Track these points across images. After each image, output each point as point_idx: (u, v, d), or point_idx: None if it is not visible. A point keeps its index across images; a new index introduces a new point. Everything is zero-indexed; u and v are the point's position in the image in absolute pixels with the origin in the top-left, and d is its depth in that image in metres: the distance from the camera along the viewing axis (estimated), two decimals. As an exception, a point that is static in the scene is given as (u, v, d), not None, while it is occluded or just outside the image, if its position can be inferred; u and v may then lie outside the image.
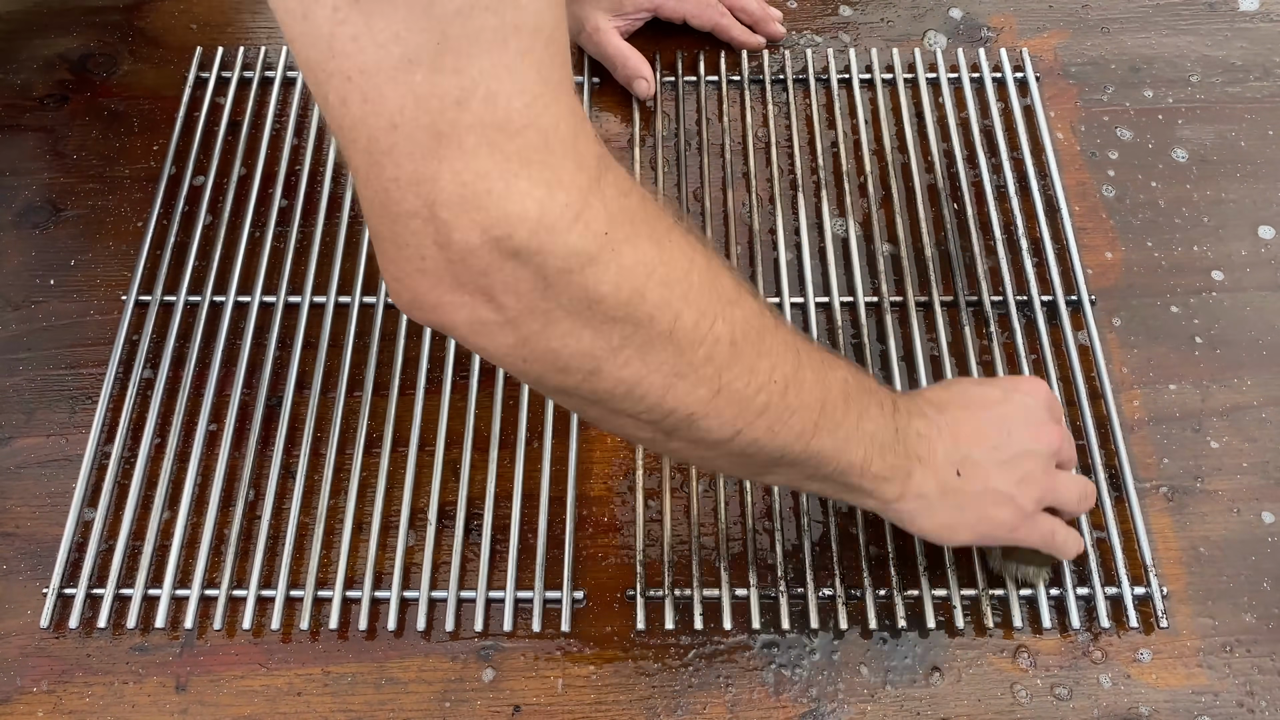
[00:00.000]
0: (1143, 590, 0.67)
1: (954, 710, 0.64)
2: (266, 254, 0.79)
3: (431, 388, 0.74)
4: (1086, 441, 0.72)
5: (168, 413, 0.73)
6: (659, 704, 0.65)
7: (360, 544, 0.69)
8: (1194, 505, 0.71)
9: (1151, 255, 0.81)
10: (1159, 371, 0.76)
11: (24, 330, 0.77)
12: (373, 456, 0.72)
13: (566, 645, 0.67)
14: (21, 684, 0.65)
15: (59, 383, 0.75)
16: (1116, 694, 0.65)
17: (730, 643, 0.67)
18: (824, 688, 0.65)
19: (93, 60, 0.90)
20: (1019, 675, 0.65)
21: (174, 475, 0.71)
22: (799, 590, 0.67)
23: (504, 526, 0.70)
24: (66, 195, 0.83)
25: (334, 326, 0.77)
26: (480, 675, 0.65)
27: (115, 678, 0.65)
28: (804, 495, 0.70)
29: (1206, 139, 0.86)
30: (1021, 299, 0.78)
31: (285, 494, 0.71)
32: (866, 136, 0.85)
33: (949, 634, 0.67)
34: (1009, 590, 0.67)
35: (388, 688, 0.65)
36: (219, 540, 0.69)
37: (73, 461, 0.72)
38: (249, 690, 0.65)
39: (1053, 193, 0.82)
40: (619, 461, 0.72)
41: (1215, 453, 0.73)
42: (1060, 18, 0.93)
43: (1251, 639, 0.67)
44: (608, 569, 0.69)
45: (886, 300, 0.78)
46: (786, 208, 0.82)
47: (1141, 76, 0.89)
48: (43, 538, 0.70)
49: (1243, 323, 0.78)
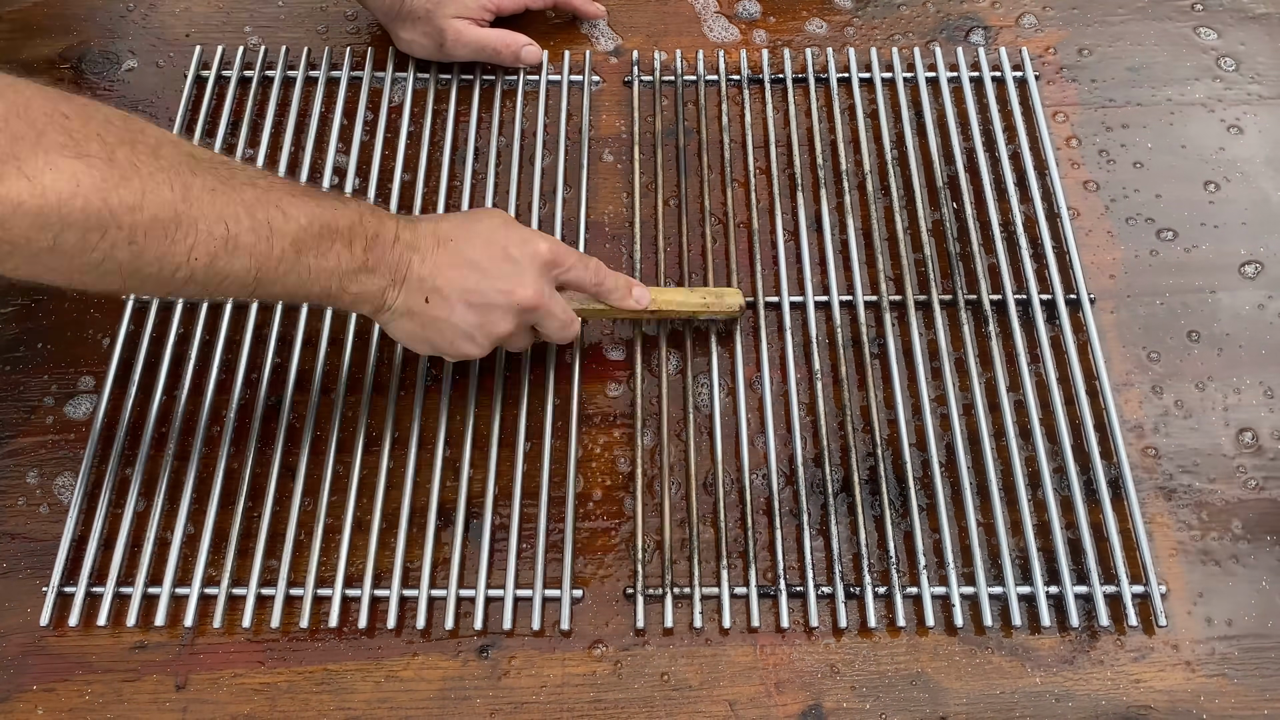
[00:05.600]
0: (1141, 589, 0.67)
1: (953, 709, 0.64)
2: (266, 253, 0.79)
3: (431, 387, 0.74)
4: (1085, 440, 0.72)
5: (167, 411, 0.73)
6: (658, 702, 0.65)
7: (360, 542, 0.69)
8: (1192, 504, 0.71)
9: (1150, 255, 0.81)
10: (1158, 370, 0.76)
11: (24, 328, 0.77)
12: (372, 455, 0.72)
13: (566, 643, 0.67)
14: (21, 682, 0.65)
15: (59, 381, 0.75)
16: (1115, 693, 0.65)
17: (729, 641, 0.67)
18: (823, 686, 0.65)
19: (93, 60, 0.90)
20: (1018, 674, 0.66)
21: (174, 473, 0.71)
22: (798, 589, 0.67)
23: (503, 525, 0.70)
24: (67, 194, 0.83)
25: (334, 326, 0.77)
26: (479, 673, 0.66)
27: (115, 676, 0.65)
28: (804, 496, 0.70)
29: (1206, 139, 0.86)
30: (1020, 298, 0.78)
31: (285, 492, 0.71)
32: (866, 136, 0.85)
33: (948, 633, 0.67)
34: (1008, 590, 0.67)
35: (387, 686, 0.65)
36: (219, 538, 0.69)
37: (73, 460, 0.72)
38: (248, 688, 0.65)
39: (1052, 192, 0.82)
40: (618, 460, 0.72)
41: (1214, 452, 0.73)
42: (1059, 17, 0.93)
43: (1250, 638, 0.67)
44: (607, 567, 0.69)
45: (886, 300, 0.78)
46: (786, 208, 0.82)
47: (1140, 76, 0.89)
48: (42, 536, 0.70)
49: (1242, 322, 0.78)
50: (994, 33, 0.92)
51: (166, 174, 0.55)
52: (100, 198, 0.52)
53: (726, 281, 0.78)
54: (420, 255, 0.66)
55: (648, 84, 0.89)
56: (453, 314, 0.66)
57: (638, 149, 0.85)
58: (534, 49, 0.89)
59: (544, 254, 0.68)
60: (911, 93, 0.88)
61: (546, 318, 0.69)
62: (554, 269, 0.69)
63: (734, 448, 0.72)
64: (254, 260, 0.59)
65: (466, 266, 0.66)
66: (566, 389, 0.74)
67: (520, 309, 0.68)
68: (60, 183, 0.51)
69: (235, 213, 0.58)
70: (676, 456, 0.72)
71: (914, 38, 0.91)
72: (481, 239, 0.68)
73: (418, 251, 0.66)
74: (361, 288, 0.64)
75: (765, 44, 0.91)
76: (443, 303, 0.66)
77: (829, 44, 0.91)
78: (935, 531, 0.69)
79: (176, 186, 0.55)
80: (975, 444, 0.72)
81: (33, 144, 0.50)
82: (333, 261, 0.62)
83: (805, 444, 0.72)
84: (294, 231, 0.60)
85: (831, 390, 0.75)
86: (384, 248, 0.64)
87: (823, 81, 0.89)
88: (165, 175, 0.55)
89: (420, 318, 0.66)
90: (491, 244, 0.68)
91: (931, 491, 0.70)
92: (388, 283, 0.65)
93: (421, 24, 0.85)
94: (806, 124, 0.87)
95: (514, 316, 0.68)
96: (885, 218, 0.82)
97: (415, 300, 0.66)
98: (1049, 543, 0.69)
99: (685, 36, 0.91)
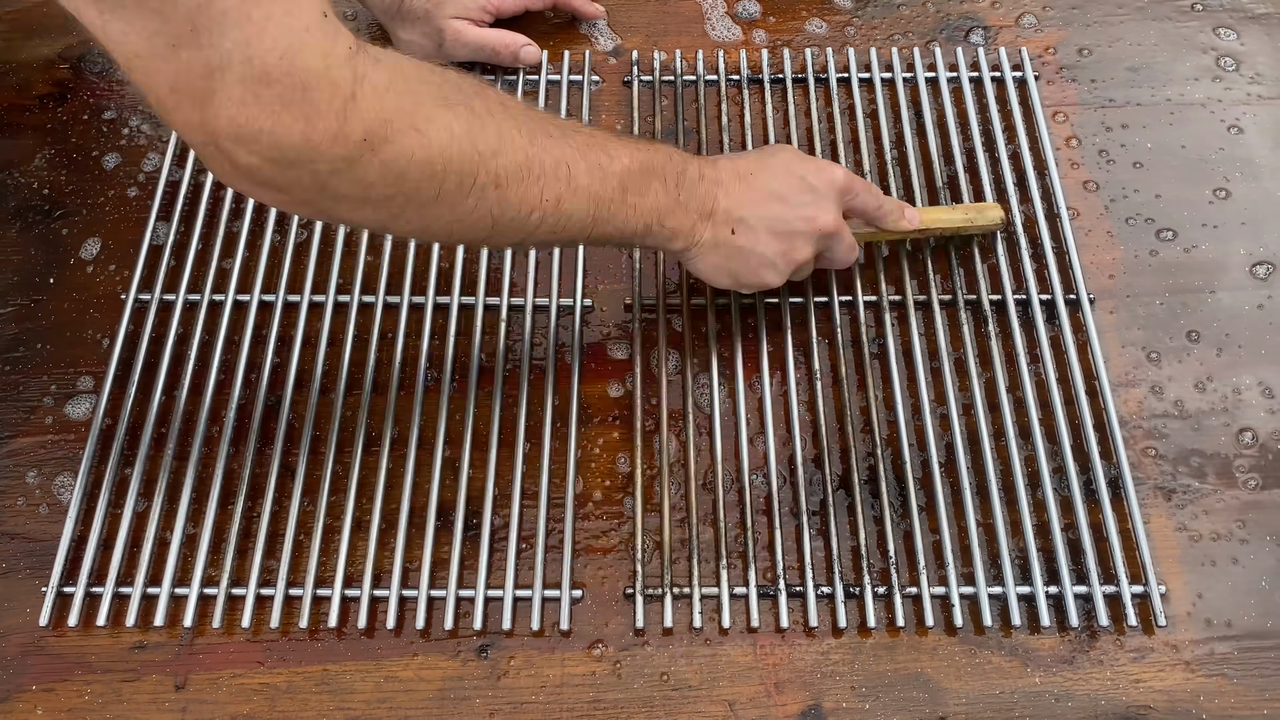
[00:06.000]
0: (1141, 589, 0.67)
1: (953, 709, 0.64)
2: (266, 253, 0.80)
3: (431, 387, 0.74)
4: (1085, 440, 0.72)
5: (167, 411, 0.73)
6: (658, 703, 0.65)
7: (359, 542, 0.69)
8: (1192, 504, 0.71)
9: (1150, 254, 0.81)
10: (1157, 370, 0.76)
11: (23, 328, 0.77)
12: (372, 455, 0.72)
13: (565, 643, 0.67)
14: (21, 682, 0.65)
15: (59, 381, 0.75)
16: (1115, 693, 0.65)
17: (729, 641, 0.67)
18: (822, 686, 0.65)
19: (92, 60, 0.90)
20: (1018, 674, 0.65)
21: (173, 473, 0.71)
22: (798, 589, 0.67)
23: (503, 525, 0.70)
24: (66, 194, 0.83)
25: (333, 325, 0.77)
26: (479, 673, 0.66)
27: (114, 676, 0.65)
28: (803, 495, 0.70)
29: (1206, 139, 0.86)
30: (1020, 298, 0.78)
31: (284, 492, 0.71)
32: (866, 136, 0.85)
33: (948, 633, 0.67)
34: (1007, 590, 0.67)
35: (386, 686, 0.65)
36: (218, 538, 0.69)
37: (72, 460, 0.72)
38: (248, 689, 0.65)
39: (1051, 192, 0.82)
40: (618, 460, 0.72)
41: (1214, 451, 0.73)
42: (1059, 17, 0.93)
43: (1249, 637, 0.67)
44: (606, 567, 0.69)
45: (885, 300, 0.78)
46: (785, 207, 0.82)
47: (1140, 76, 0.89)
48: (42, 536, 0.70)
49: (1241, 322, 0.78)
50: (994, 33, 0.92)
51: (514, 122, 0.60)
52: (470, 144, 0.57)
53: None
54: (724, 189, 0.69)
55: (647, 84, 0.89)
56: (758, 244, 0.69)
57: (637, 149, 0.85)
58: (533, 49, 0.89)
59: (840, 181, 0.72)
60: (911, 93, 0.88)
61: (838, 242, 0.73)
62: (846, 195, 0.72)
63: (733, 448, 0.72)
64: (591, 200, 0.63)
65: (770, 197, 0.69)
66: (566, 389, 0.74)
67: (821, 234, 0.71)
68: (441, 133, 0.56)
69: (572, 155, 0.62)
70: (676, 456, 0.72)
71: (914, 38, 0.91)
72: (780, 171, 0.71)
73: (721, 186, 0.69)
74: (677, 223, 0.67)
75: (765, 44, 0.91)
76: (749, 233, 0.69)
77: (829, 44, 0.91)
78: (935, 531, 0.69)
79: (524, 133, 0.60)
80: (975, 444, 0.72)
81: (415, 103, 0.55)
82: (652, 199, 0.66)
83: (805, 444, 0.72)
84: (620, 172, 0.64)
85: (831, 390, 0.75)
86: (692, 183, 0.68)
87: (822, 81, 0.89)
88: (513, 123, 0.59)
89: (726, 248, 0.69)
90: (790, 175, 0.71)
91: (931, 491, 0.70)
92: (698, 217, 0.68)
93: (421, 24, 0.86)
94: (806, 124, 0.87)
95: (815, 243, 0.71)
96: (885, 218, 0.82)
97: (723, 233, 0.69)
98: (1048, 543, 0.69)
99: (685, 36, 0.91)
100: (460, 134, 0.56)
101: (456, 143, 0.56)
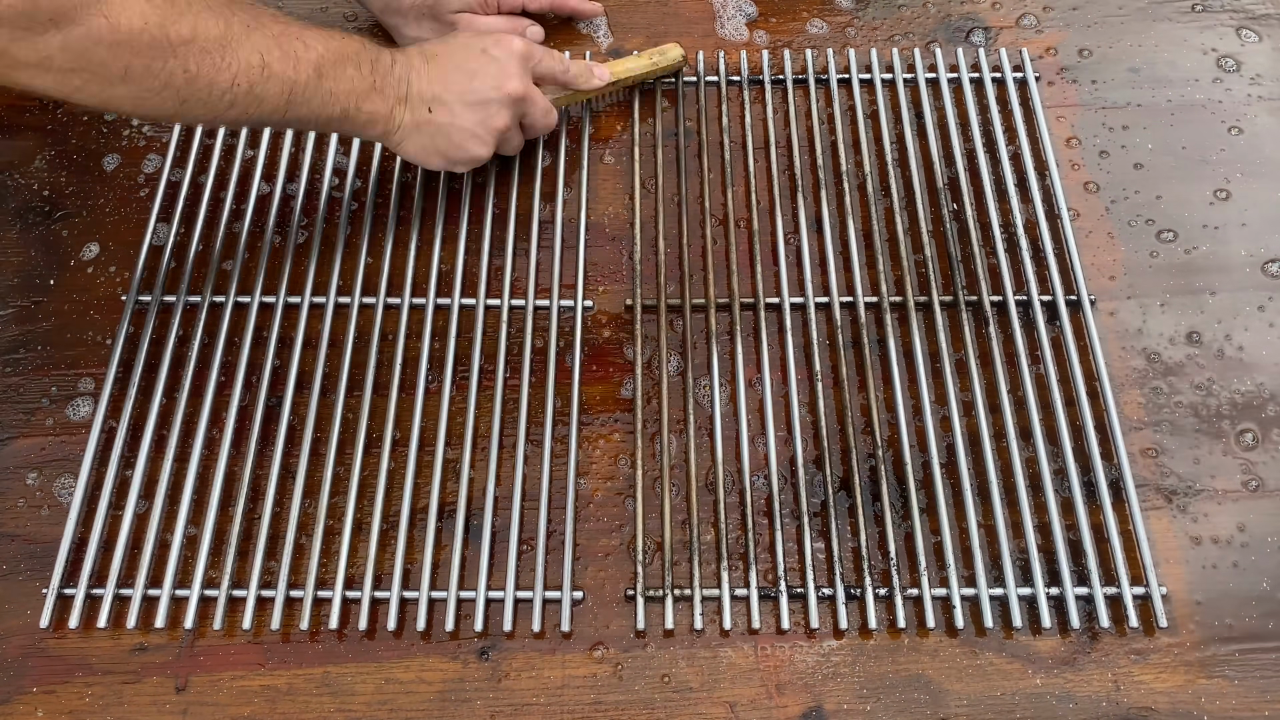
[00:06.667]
0: (1142, 590, 0.67)
1: (954, 710, 0.64)
2: (266, 254, 0.80)
3: (431, 388, 0.74)
4: (1086, 441, 0.72)
5: (167, 413, 0.73)
6: (659, 704, 0.65)
7: (360, 544, 0.69)
8: (1193, 505, 0.71)
9: (1151, 255, 0.81)
10: (1158, 371, 0.76)
11: (24, 330, 0.77)
12: (372, 456, 0.72)
13: (566, 645, 0.67)
14: (21, 684, 0.65)
15: (59, 383, 0.75)
16: (1116, 694, 0.65)
17: (730, 642, 0.67)
18: (824, 688, 0.65)
19: (92, 61, 0.90)
20: (1019, 675, 0.65)
21: (174, 475, 0.71)
22: (799, 590, 0.67)
23: (503, 526, 0.70)
24: (66, 195, 0.83)
25: (333, 326, 0.77)
26: (480, 675, 0.66)
27: (115, 678, 0.65)
28: (804, 497, 0.70)
29: (1207, 139, 0.86)
30: (1021, 299, 0.78)
31: (285, 494, 0.71)
32: (866, 137, 0.85)
33: (949, 634, 0.67)
34: (1009, 591, 0.67)
35: (387, 688, 0.65)
36: (219, 540, 0.69)
37: (73, 461, 0.72)
38: (248, 690, 0.65)
39: (1052, 192, 0.82)
40: (618, 461, 0.72)
41: (1214, 452, 0.73)
42: (1060, 18, 0.93)
43: (1250, 638, 0.67)
44: (607, 568, 0.69)
45: (886, 300, 0.78)
46: (786, 208, 0.82)
47: (1141, 76, 0.89)
48: (42, 538, 0.70)
49: (1242, 322, 0.78)
50: (994, 33, 0.92)
51: (212, 12, 0.64)
52: (162, 30, 0.61)
53: (727, 284, 0.78)
54: (416, 72, 0.74)
55: (647, 84, 0.89)
56: (456, 117, 0.75)
57: (638, 150, 0.85)
58: (537, 29, 0.90)
59: (519, 48, 0.77)
60: (912, 93, 0.88)
61: (531, 106, 0.78)
62: (529, 60, 0.78)
63: (734, 449, 0.72)
64: (284, 85, 0.67)
65: (457, 72, 0.75)
66: (567, 390, 0.74)
67: (512, 99, 0.76)
68: (134, 19, 0.60)
69: (268, 44, 0.66)
70: (677, 458, 0.72)
71: (914, 38, 0.91)
72: (463, 47, 0.77)
73: (413, 69, 0.74)
74: (373, 107, 0.72)
75: (765, 45, 0.91)
76: (444, 108, 0.74)
77: (829, 45, 0.91)
78: (936, 533, 0.69)
79: (220, 23, 0.64)
80: (976, 445, 0.72)
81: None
82: (346, 84, 0.70)
83: (806, 445, 0.72)
84: (314, 59, 0.69)
85: (832, 391, 0.75)
86: (385, 69, 0.73)
87: (823, 82, 0.89)
88: (211, 14, 0.64)
89: (428, 128, 0.75)
90: (471, 49, 0.76)
91: (932, 492, 0.70)
92: (394, 101, 0.73)
93: (428, 21, 0.86)
94: (807, 125, 0.87)
95: (508, 108, 0.77)
96: (886, 219, 0.82)
97: (420, 113, 0.74)
98: (1050, 544, 0.69)
99: (685, 37, 0.91)
100: (154, 21, 0.61)
101: (149, 30, 0.61)
